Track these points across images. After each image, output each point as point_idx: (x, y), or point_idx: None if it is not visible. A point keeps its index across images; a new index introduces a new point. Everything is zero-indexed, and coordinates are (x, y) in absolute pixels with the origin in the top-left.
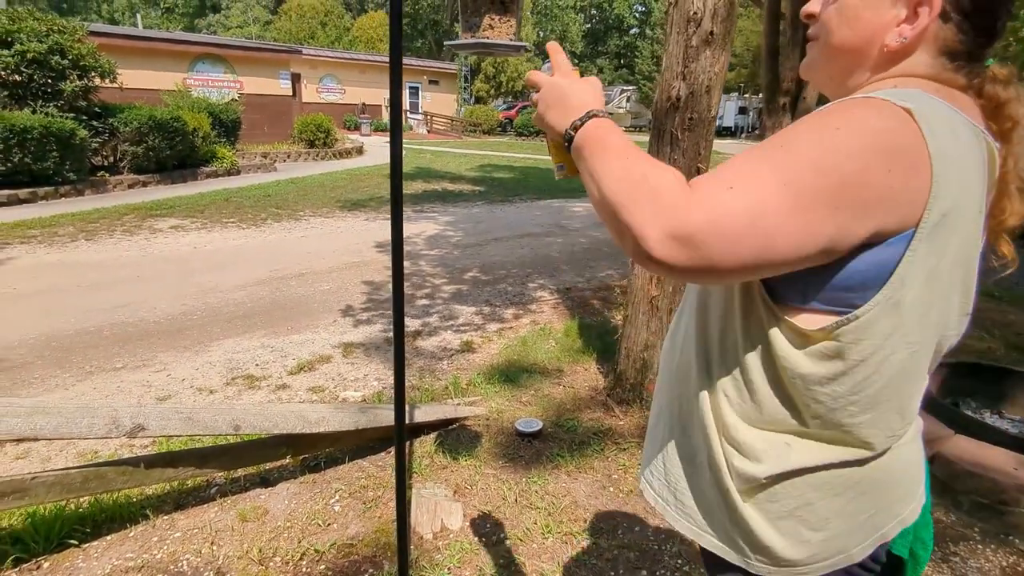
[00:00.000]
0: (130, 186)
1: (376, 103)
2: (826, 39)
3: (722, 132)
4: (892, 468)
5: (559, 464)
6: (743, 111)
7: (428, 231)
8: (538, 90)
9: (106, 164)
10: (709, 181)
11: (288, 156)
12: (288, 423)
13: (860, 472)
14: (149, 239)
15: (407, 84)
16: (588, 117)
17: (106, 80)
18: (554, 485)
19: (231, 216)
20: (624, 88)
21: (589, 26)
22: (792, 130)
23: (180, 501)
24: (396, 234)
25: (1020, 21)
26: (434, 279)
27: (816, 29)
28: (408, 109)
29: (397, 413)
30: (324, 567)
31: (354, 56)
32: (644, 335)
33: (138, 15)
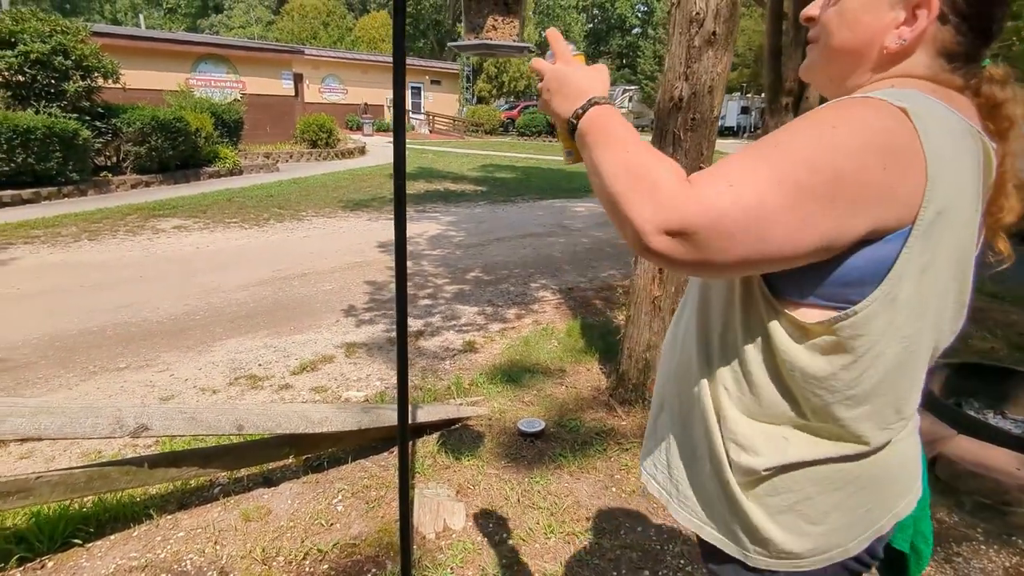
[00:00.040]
0: (133, 186)
1: (378, 103)
2: (826, 41)
3: (724, 132)
4: (890, 464)
5: (562, 464)
6: (745, 111)
7: (430, 231)
8: (542, 78)
9: (109, 164)
10: (708, 177)
11: (290, 156)
12: (291, 423)
13: (859, 467)
14: (152, 239)
15: (409, 84)
16: (590, 104)
17: (109, 80)
18: (557, 485)
19: (234, 216)
20: (626, 88)
21: (591, 26)
22: (790, 128)
23: (183, 501)
24: (399, 234)
25: (1023, 21)
26: (436, 279)
27: (816, 32)
28: (410, 109)
29: (400, 413)
30: (327, 567)
31: (356, 56)
32: (646, 335)
33: (141, 15)
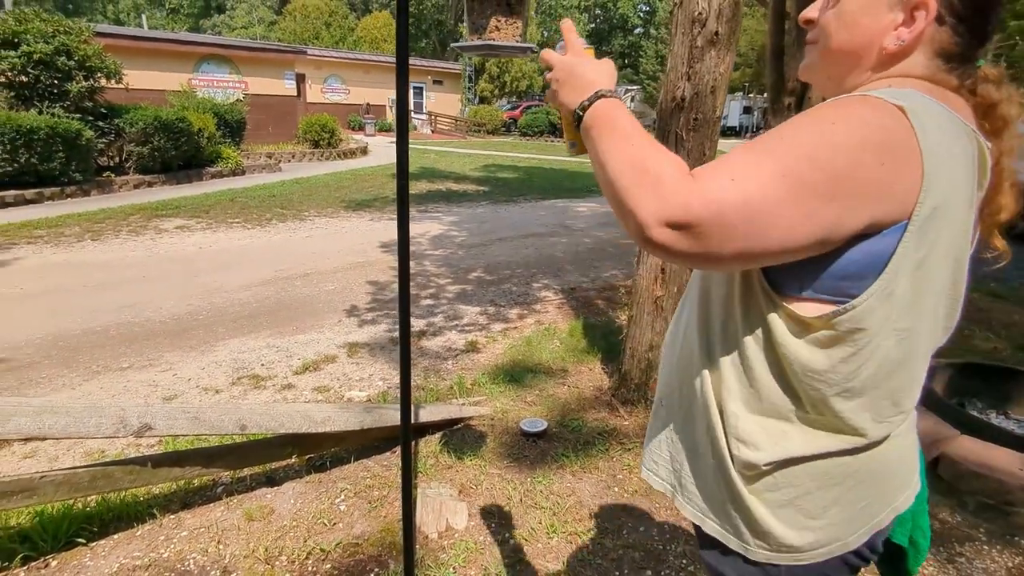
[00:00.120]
0: (136, 186)
1: (380, 103)
2: (825, 43)
3: (727, 132)
4: (888, 458)
5: (564, 464)
6: (748, 111)
7: (432, 231)
8: (551, 69)
9: (112, 164)
10: (710, 171)
11: (293, 156)
12: (294, 423)
13: (857, 461)
14: (155, 239)
15: (411, 84)
16: (596, 97)
17: (112, 81)
18: (559, 485)
19: (236, 216)
20: (628, 88)
21: (593, 26)
22: (791, 124)
23: (187, 500)
24: (402, 234)
25: None
26: (439, 279)
27: (815, 34)
28: (412, 109)
29: (403, 413)
30: (330, 566)
31: (358, 56)
32: (649, 335)
33: (143, 16)
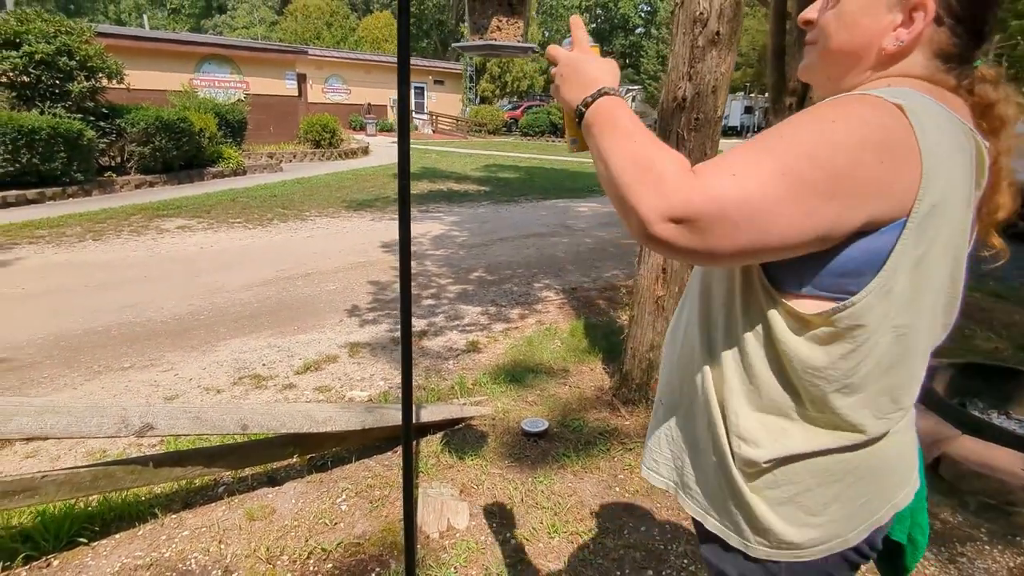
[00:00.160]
0: (137, 186)
1: (382, 103)
2: (824, 44)
3: (728, 132)
4: (888, 455)
5: (565, 464)
6: (749, 111)
7: (434, 231)
8: (556, 64)
9: (113, 165)
10: (712, 167)
11: (294, 156)
12: (295, 422)
13: (857, 458)
14: (156, 239)
15: (412, 84)
16: (600, 94)
17: (113, 81)
18: (560, 485)
19: (237, 216)
20: (629, 88)
21: (594, 26)
22: (791, 123)
23: (188, 500)
24: (404, 233)
25: None
26: (440, 279)
27: (814, 34)
28: (413, 109)
29: (405, 413)
30: (331, 566)
31: (360, 56)
32: (650, 335)
33: (144, 16)
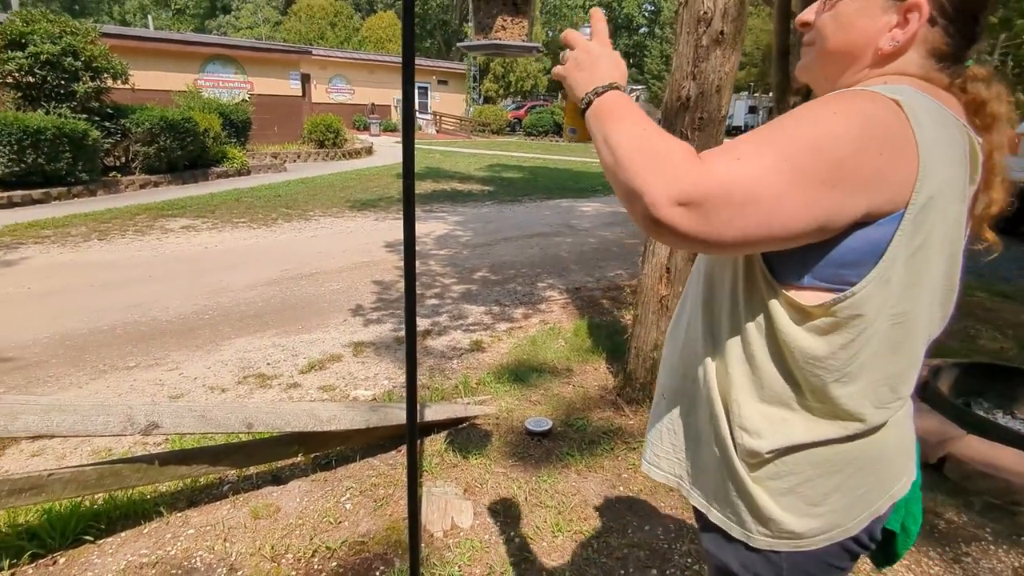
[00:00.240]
0: (142, 186)
1: (385, 103)
2: (822, 44)
3: (732, 131)
4: (886, 445)
5: (569, 463)
6: (753, 110)
7: (437, 231)
8: (572, 48)
9: (118, 164)
10: (718, 153)
11: (298, 156)
12: (300, 421)
13: (857, 448)
14: (161, 239)
15: (416, 84)
16: (611, 87)
17: (118, 81)
18: (564, 484)
19: (242, 216)
20: (633, 88)
21: None
22: (793, 115)
23: (193, 498)
24: (408, 233)
25: None
26: (444, 279)
27: (812, 36)
28: (417, 109)
29: (409, 411)
30: (335, 564)
31: (363, 56)
32: (654, 335)
33: (149, 16)
